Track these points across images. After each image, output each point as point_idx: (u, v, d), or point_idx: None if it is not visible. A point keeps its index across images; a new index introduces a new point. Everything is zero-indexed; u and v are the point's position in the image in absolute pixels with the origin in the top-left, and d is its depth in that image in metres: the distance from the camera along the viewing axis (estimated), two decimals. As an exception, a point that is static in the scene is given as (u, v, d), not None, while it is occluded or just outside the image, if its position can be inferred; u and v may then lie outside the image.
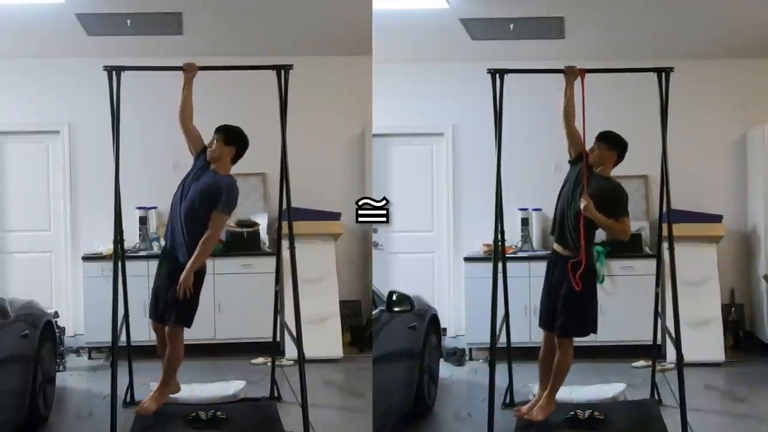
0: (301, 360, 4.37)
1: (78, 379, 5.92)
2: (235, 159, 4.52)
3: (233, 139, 4.48)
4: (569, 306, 4.36)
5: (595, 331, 4.52)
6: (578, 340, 6.37)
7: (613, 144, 4.43)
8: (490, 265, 4.53)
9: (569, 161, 4.55)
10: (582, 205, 4.26)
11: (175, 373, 4.64)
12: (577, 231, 4.34)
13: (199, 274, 4.48)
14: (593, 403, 4.85)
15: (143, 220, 6.62)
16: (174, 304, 4.42)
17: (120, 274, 4.65)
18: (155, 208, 6.62)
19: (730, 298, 6.73)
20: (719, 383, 5.75)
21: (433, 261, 7.22)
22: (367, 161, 6.95)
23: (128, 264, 5.18)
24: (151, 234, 6.65)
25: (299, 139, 5.28)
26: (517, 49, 6.41)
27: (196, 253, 4.37)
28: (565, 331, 4.40)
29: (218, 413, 4.60)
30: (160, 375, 4.65)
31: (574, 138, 4.47)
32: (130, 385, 5.13)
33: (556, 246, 4.52)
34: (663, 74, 4.53)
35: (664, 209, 4.80)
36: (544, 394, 4.55)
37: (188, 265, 4.37)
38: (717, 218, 6.50)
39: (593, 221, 4.30)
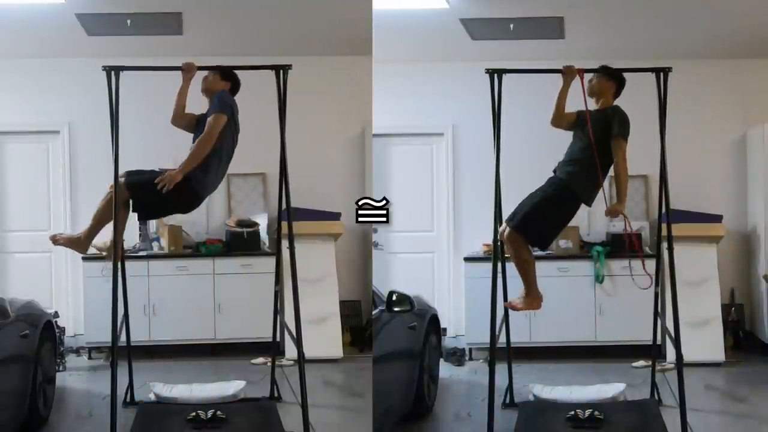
0: (301, 360, 4.37)
1: (78, 379, 5.93)
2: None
3: (229, 75, 4.53)
4: (532, 206, 4.35)
5: (543, 246, 4.57)
6: (578, 340, 6.42)
7: (612, 75, 4.52)
8: (490, 265, 4.52)
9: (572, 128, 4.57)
10: (607, 212, 4.34)
11: None
12: (573, 164, 4.39)
13: (188, 185, 4.21)
14: (593, 403, 4.85)
15: (143, 221, 6.63)
16: None
17: (120, 274, 4.64)
18: (155, 208, 6.62)
19: (730, 298, 6.73)
20: (719, 383, 5.75)
21: (433, 261, 7.22)
22: (367, 161, 6.96)
23: (128, 264, 5.19)
24: (151, 234, 6.65)
25: (299, 139, 5.28)
26: (517, 49, 6.42)
27: (190, 152, 4.23)
28: (517, 225, 4.35)
29: (218, 413, 4.60)
30: None
31: (566, 122, 4.52)
32: (130, 385, 5.13)
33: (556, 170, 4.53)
34: (661, 74, 4.53)
35: (664, 209, 4.80)
36: (524, 290, 4.54)
37: (181, 165, 4.18)
38: (717, 218, 6.50)
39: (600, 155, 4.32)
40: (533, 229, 4.39)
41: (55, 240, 4.59)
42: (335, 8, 5.87)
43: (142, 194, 4.25)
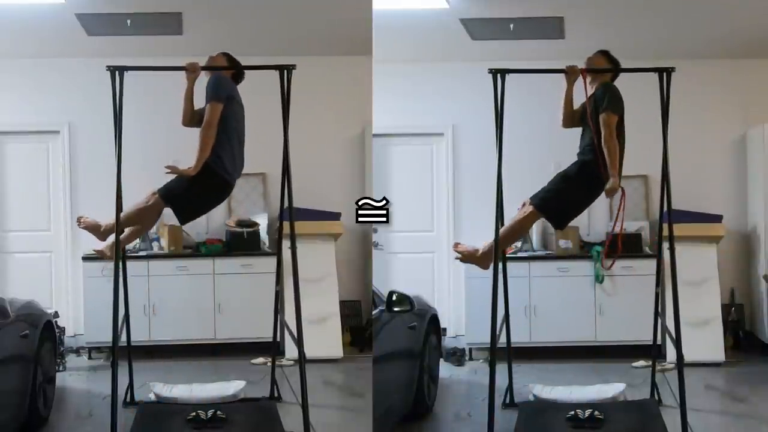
0: (301, 360, 4.37)
1: (78, 379, 5.93)
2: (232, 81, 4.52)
3: (232, 61, 4.54)
4: (554, 185, 4.45)
5: (560, 225, 4.58)
6: (578, 340, 6.42)
7: (610, 58, 4.60)
8: (490, 265, 4.53)
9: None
10: (605, 192, 4.35)
11: None
12: (585, 143, 4.47)
13: (210, 172, 4.30)
14: (593, 403, 4.85)
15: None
16: None
17: (120, 274, 4.64)
18: (155, 208, 6.61)
19: (730, 298, 6.73)
20: (719, 383, 5.75)
21: (433, 261, 7.22)
22: (367, 161, 6.95)
23: (128, 264, 5.19)
24: (151, 234, 6.64)
25: (299, 139, 5.28)
26: (517, 49, 6.41)
27: (198, 146, 4.26)
28: (538, 202, 4.45)
29: (218, 413, 4.60)
30: None
31: (575, 119, 4.59)
32: (130, 385, 5.13)
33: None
34: (664, 74, 4.53)
35: (664, 209, 4.80)
36: None
37: (195, 159, 4.25)
38: (717, 218, 6.50)
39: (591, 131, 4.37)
40: (554, 207, 4.44)
41: (80, 221, 4.64)
42: (335, 8, 5.87)
43: (179, 202, 4.35)
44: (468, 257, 4.60)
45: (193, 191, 4.32)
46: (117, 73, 4.38)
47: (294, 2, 5.91)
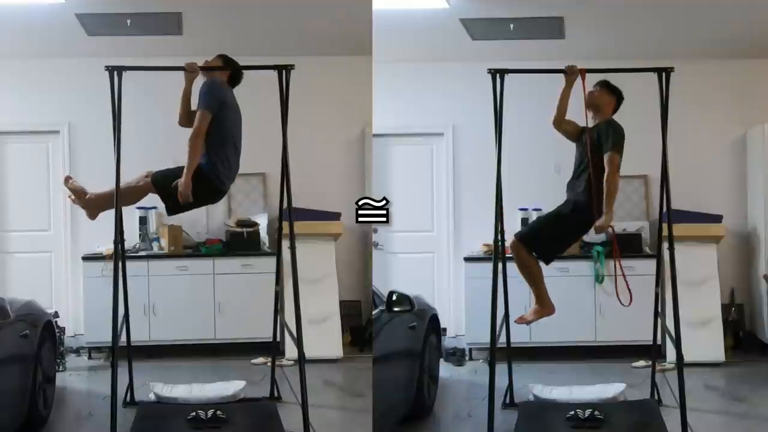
0: (301, 360, 4.37)
1: (78, 379, 5.93)
2: (229, 84, 4.49)
3: (229, 62, 4.49)
4: (541, 221, 4.62)
5: (545, 260, 4.56)
6: (578, 340, 6.42)
7: (613, 90, 4.57)
8: (490, 265, 4.53)
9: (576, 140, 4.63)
10: (595, 229, 4.38)
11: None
12: (577, 182, 4.47)
13: (205, 179, 4.25)
14: (593, 403, 4.85)
15: (143, 220, 6.63)
16: None
17: (120, 274, 4.64)
18: (155, 208, 6.61)
19: (730, 298, 6.73)
20: (719, 383, 5.75)
21: (433, 261, 7.22)
22: (367, 161, 6.95)
23: (128, 264, 5.19)
24: (151, 234, 6.65)
25: (299, 139, 5.28)
26: (517, 49, 6.42)
27: (188, 154, 4.20)
28: (523, 236, 4.54)
29: (218, 413, 4.60)
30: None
31: (570, 129, 4.58)
32: (130, 385, 5.13)
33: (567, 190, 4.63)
34: (663, 74, 4.53)
35: (664, 209, 4.80)
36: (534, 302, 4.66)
37: (184, 172, 4.20)
38: (717, 218, 6.50)
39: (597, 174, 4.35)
40: (537, 241, 4.49)
41: (67, 180, 4.54)
42: (335, 8, 5.87)
43: (168, 191, 4.28)
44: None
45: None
46: (115, 73, 4.38)
47: (294, 2, 5.91)
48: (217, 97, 4.28)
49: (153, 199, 6.48)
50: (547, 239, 4.52)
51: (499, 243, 4.66)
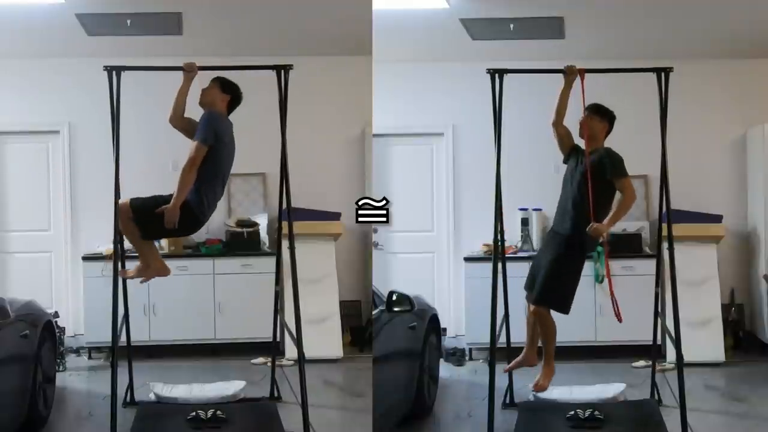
0: (301, 360, 4.37)
1: (78, 379, 5.93)
2: (228, 109, 4.47)
3: (228, 88, 4.45)
4: (547, 275, 4.41)
5: (564, 311, 4.49)
6: (578, 340, 6.42)
7: (604, 114, 4.50)
8: (490, 265, 4.53)
9: (564, 161, 4.60)
10: (589, 229, 4.28)
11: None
12: (572, 213, 4.40)
13: (190, 213, 4.28)
14: (593, 403, 4.85)
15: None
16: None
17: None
18: (155, 208, 6.62)
19: (730, 298, 6.72)
20: (719, 383, 5.75)
21: (433, 261, 7.22)
22: (367, 161, 6.95)
23: (128, 264, 5.17)
24: (151, 234, 6.64)
25: (299, 139, 5.28)
26: (517, 49, 6.42)
27: (177, 185, 4.22)
28: (538, 299, 4.45)
29: (218, 413, 4.60)
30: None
31: (564, 137, 4.53)
32: (130, 385, 5.13)
33: (553, 227, 4.60)
34: (662, 74, 4.53)
35: (664, 209, 4.80)
36: (543, 362, 4.61)
37: (173, 199, 4.21)
38: (717, 218, 6.50)
39: (596, 200, 4.30)
40: (553, 296, 4.44)
41: (124, 275, 4.69)
42: (335, 8, 5.87)
43: (144, 218, 4.31)
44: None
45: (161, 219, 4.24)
46: (114, 72, 4.38)
47: (294, 2, 5.92)
48: (215, 130, 4.28)
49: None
50: (559, 292, 4.44)
51: (499, 243, 4.67)
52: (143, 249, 4.52)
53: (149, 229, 4.37)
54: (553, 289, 4.42)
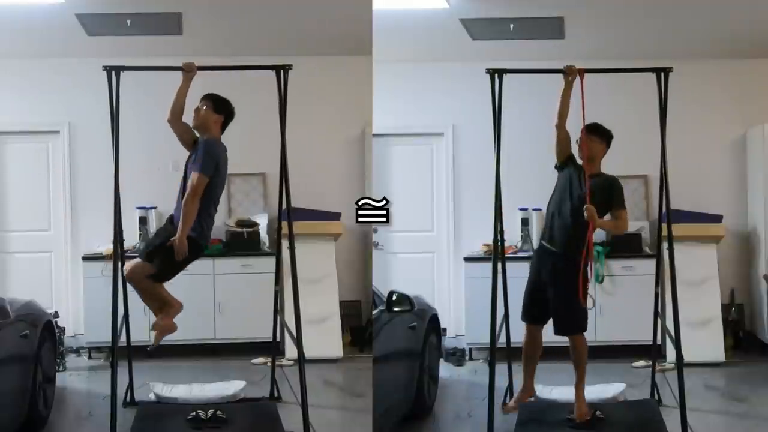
0: (301, 360, 4.37)
1: (78, 379, 5.93)
2: (222, 128, 4.48)
3: (221, 107, 4.44)
4: (567, 304, 4.46)
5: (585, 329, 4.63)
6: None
7: (603, 135, 4.52)
8: (490, 265, 4.53)
9: (556, 167, 4.61)
10: (586, 215, 4.30)
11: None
12: (570, 231, 4.41)
13: (193, 243, 4.34)
14: (593, 403, 4.84)
15: (143, 220, 6.62)
16: None
17: (120, 274, 4.64)
18: (155, 208, 6.63)
19: (730, 298, 6.72)
20: (719, 383, 5.75)
21: (433, 261, 7.22)
22: (367, 161, 6.95)
23: (128, 264, 5.17)
24: (150, 233, 6.64)
25: (299, 139, 5.28)
26: (517, 49, 6.42)
27: (182, 216, 4.27)
28: (575, 328, 4.55)
29: (218, 413, 4.60)
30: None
31: (564, 141, 4.54)
32: (130, 385, 5.13)
33: (543, 242, 4.58)
34: (662, 74, 4.53)
35: (664, 209, 4.80)
36: (575, 387, 4.60)
37: (179, 230, 4.26)
38: (717, 218, 6.50)
39: (588, 223, 4.34)
40: (583, 319, 4.55)
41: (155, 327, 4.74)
42: (335, 8, 5.87)
43: (160, 261, 4.37)
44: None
45: (171, 255, 4.30)
46: (114, 72, 4.38)
47: (294, 2, 5.92)
48: (215, 160, 4.31)
49: (153, 199, 6.58)
50: (582, 311, 4.51)
51: (499, 243, 4.67)
52: (162, 294, 4.57)
53: (164, 270, 4.43)
54: (577, 311, 4.49)
